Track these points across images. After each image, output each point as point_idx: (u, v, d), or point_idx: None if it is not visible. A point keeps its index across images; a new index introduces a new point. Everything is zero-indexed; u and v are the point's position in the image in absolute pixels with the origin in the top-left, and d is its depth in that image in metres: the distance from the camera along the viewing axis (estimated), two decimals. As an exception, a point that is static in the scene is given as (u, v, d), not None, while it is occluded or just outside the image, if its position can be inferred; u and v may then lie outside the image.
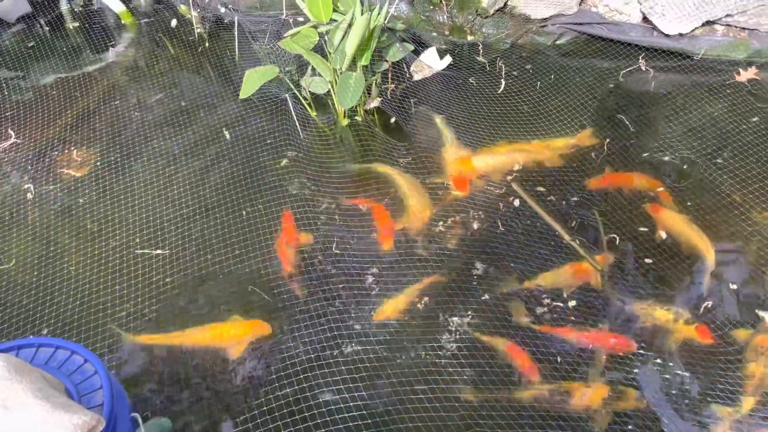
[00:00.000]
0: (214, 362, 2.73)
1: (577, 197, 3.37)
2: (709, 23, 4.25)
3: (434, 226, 3.24)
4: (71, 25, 4.93)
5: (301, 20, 4.67)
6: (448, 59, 4.27)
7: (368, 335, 2.79)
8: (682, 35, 4.25)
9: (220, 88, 4.20)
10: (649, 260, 3.07)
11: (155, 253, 3.16)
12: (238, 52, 4.45)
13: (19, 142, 3.84)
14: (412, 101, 4.01)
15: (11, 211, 3.44)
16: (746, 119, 3.79)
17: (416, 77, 4.20)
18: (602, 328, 2.80)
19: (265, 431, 2.46)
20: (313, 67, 3.68)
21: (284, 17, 4.76)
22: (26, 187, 3.56)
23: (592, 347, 2.74)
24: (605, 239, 3.15)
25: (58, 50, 4.64)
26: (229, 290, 3.01)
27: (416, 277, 3.01)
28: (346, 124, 3.89)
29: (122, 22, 4.93)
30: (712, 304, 2.87)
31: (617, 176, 3.48)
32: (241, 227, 3.26)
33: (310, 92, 3.88)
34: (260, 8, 4.86)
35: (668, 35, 4.26)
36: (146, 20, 4.94)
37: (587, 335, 2.77)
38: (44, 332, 2.86)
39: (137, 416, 1.92)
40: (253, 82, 3.63)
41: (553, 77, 4.21)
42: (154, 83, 4.27)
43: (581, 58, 4.38)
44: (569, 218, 3.28)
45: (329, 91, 3.79)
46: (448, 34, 4.61)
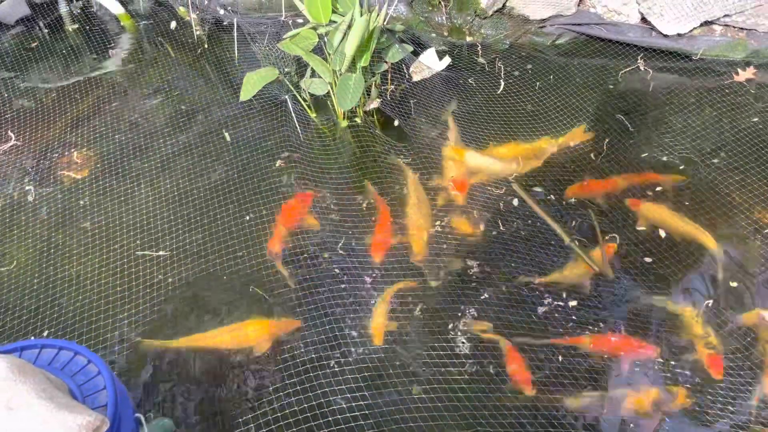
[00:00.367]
0: (220, 363, 2.74)
1: (575, 198, 3.39)
2: (707, 23, 4.27)
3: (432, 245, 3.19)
4: (70, 27, 4.93)
5: (300, 22, 4.68)
6: (447, 60, 4.27)
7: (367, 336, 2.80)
8: (680, 35, 4.27)
9: (219, 89, 4.20)
10: (648, 259, 3.08)
11: (155, 255, 3.16)
12: (237, 53, 4.46)
13: (19, 144, 3.84)
14: (411, 102, 4.01)
15: (12, 213, 3.44)
16: (745, 119, 3.80)
17: (416, 78, 4.21)
18: (615, 333, 2.79)
19: (268, 430, 2.47)
20: (312, 68, 3.69)
21: (283, 19, 4.77)
22: (27, 189, 3.56)
23: (613, 355, 2.71)
24: (600, 239, 3.16)
25: (57, 52, 4.64)
26: (229, 291, 3.01)
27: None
28: (345, 125, 3.89)
29: (121, 24, 4.93)
30: (712, 303, 2.88)
31: (596, 183, 3.45)
32: (241, 227, 3.26)
33: (309, 94, 3.88)
34: (259, 10, 4.87)
35: (666, 35, 4.27)
36: (145, 22, 4.94)
37: (607, 345, 2.74)
38: (45, 334, 2.86)
39: (141, 417, 1.92)
40: (252, 84, 3.63)
41: (552, 78, 4.22)
42: (153, 85, 4.27)
43: (580, 58, 4.39)
44: (568, 219, 3.29)
45: (329, 92, 3.79)
46: (447, 35, 4.62)
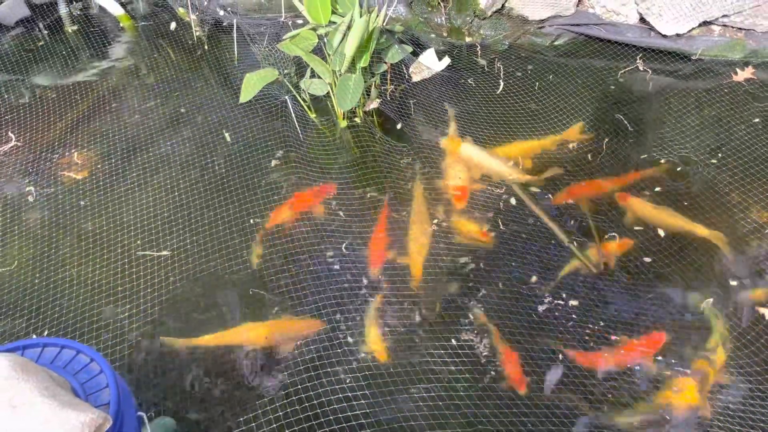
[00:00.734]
0: (222, 363, 2.75)
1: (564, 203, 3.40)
2: (705, 24, 4.28)
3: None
4: (70, 28, 4.94)
5: (300, 22, 4.69)
6: (446, 60, 4.29)
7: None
8: (679, 36, 4.28)
9: (219, 90, 4.21)
10: (647, 259, 3.09)
11: (156, 255, 3.17)
12: (237, 54, 4.47)
13: (19, 145, 3.84)
14: (411, 102, 4.02)
15: (13, 213, 3.44)
16: (743, 119, 3.81)
17: (415, 78, 4.22)
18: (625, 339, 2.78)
19: (268, 430, 2.47)
20: (312, 69, 3.70)
21: (283, 19, 4.78)
22: (27, 190, 3.56)
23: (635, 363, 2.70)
24: (597, 239, 3.18)
25: (57, 53, 4.64)
26: (229, 291, 3.02)
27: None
28: (345, 125, 3.90)
29: (121, 25, 4.94)
30: (712, 302, 2.89)
31: (581, 187, 3.45)
32: (240, 227, 3.27)
33: (309, 94, 3.89)
34: (259, 11, 4.88)
35: (665, 36, 4.29)
36: (145, 23, 4.95)
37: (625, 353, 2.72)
38: (45, 334, 2.86)
39: (143, 415, 1.93)
40: (252, 85, 3.64)
41: (551, 78, 4.24)
42: (153, 86, 4.28)
43: (579, 58, 4.40)
44: (566, 219, 3.30)
45: (328, 92, 3.80)
46: (446, 35, 4.63)
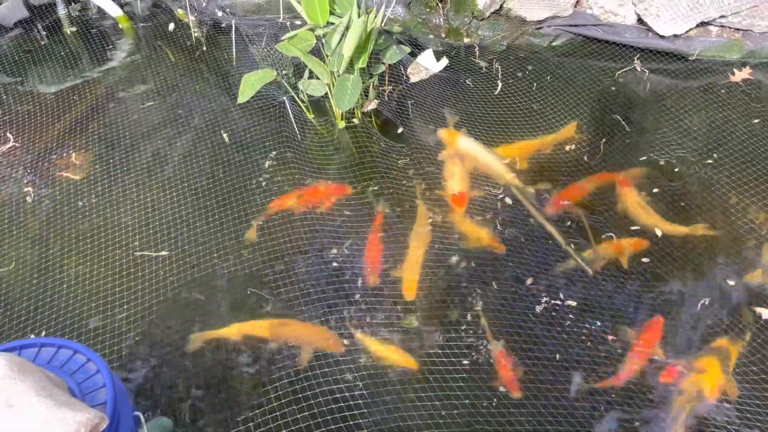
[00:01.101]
0: (220, 363, 2.75)
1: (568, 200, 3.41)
2: (703, 24, 4.29)
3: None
4: (68, 29, 4.94)
5: (298, 23, 4.70)
6: (444, 61, 4.29)
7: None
8: (676, 36, 4.29)
9: (217, 91, 4.21)
10: (645, 259, 3.09)
11: (154, 255, 3.17)
12: (235, 55, 4.47)
13: (18, 145, 3.84)
14: (409, 103, 4.03)
15: (11, 214, 3.44)
16: (741, 119, 3.82)
17: (413, 79, 4.23)
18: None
19: (266, 430, 2.48)
20: (310, 69, 3.71)
21: (281, 20, 4.79)
22: (25, 190, 3.56)
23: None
24: (592, 239, 3.18)
25: (55, 55, 4.64)
26: (228, 291, 3.02)
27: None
28: (343, 126, 3.91)
29: (119, 26, 4.94)
30: (709, 301, 2.89)
31: (568, 192, 3.44)
32: (239, 228, 3.27)
33: (307, 95, 3.89)
34: (257, 12, 4.89)
35: (663, 36, 4.29)
36: (143, 24, 4.96)
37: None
38: (43, 334, 2.86)
39: (140, 415, 1.93)
40: (250, 86, 3.64)
41: (549, 78, 4.24)
42: (151, 87, 4.28)
43: (577, 59, 4.41)
44: (562, 219, 3.30)
45: (327, 93, 3.80)
46: (444, 36, 4.64)
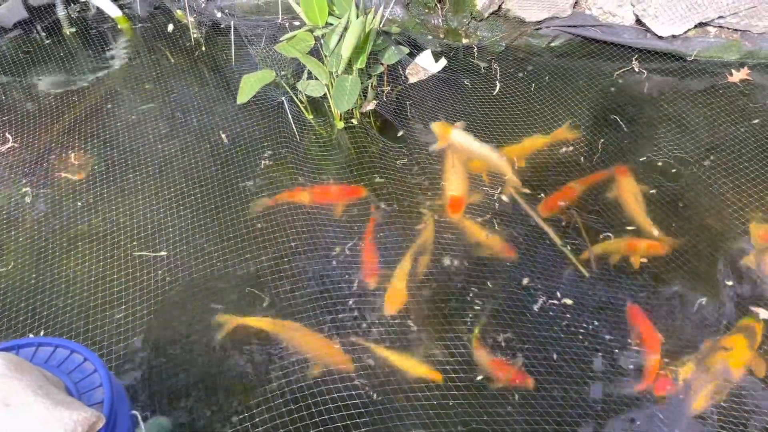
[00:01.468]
0: (219, 363, 2.75)
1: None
2: (701, 25, 4.30)
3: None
4: (68, 30, 4.94)
5: (297, 24, 4.70)
6: (443, 62, 4.30)
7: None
8: (675, 37, 4.29)
9: (216, 92, 4.22)
10: (644, 259, 3.10)
11: (153, 255, 3.17)
12: (234, 56, 4.48)
13: (17, 146, 3.85)
14: (407, 104, 4.03)
15: (10, 214, 3.45)
16: (739, 119, 3.82)
17: (412, 80, 4.23)
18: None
19: (264, 430, 2.48)
20: (309, 70, 3.71)
21: (280, 21, 4.79)
22: (24, 190, 3.57)
23: None
24: (587, 240, 3.19)
25: (55, 55, 4.65)
26: (226, 291, 3.02)
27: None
28: (342, 126, 3.91)
29: (119, 27, 4.95)
30: (706, 301, 2.90)
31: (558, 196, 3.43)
32: (239, 229, 3.28)
33: (306, 95, 3.90)
34: (256, 12, 4.90)
35: (661, 37, 4.30)
36: (142, 25, 4.96)
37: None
38: (42, 334, 2.86)
39: (137, 414, 1.93)
40: (249, 87, 3.65)
41: (547, 79, 4.25)
42: (150, 88, 4.29)
43: (576, 60, 4.41)
44: (559, 220, 3.31)
45: (325, 94, 3.81)
46: (443, 37, 4.64)
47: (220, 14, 4.92)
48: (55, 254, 3.22)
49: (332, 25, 3.59)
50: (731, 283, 2.98)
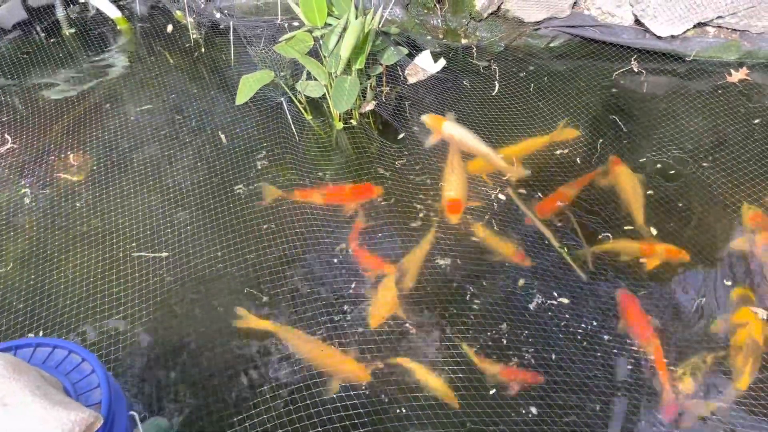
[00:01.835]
0: (218, 364, 2.75)
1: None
2: (700, 25, 4.30)
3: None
4: (67, 31, 4.95)
5: (296, 25, 4.70)
6: (442, 62, 4.30)
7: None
8: (674, 37, 4.29)
9: (215, 92, 4.22)
10: (643, 259, 3.10)
11: (152, 255, 3.18)
12: (233, 56, 4.48)
13: (16, 147, 3.85)
14: (406, 104, 4.03)
15: (9, 215, 3.45)
16: (738, 119, 3.82)
17: (411, 80, 4.23)
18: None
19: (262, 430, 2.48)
20: (308, 71, 3.71)
21: (279, 22, 4.79)
22: (24, 191, 3.57)
23: None
24: (583, 240, 3.19)
25: (54, 56, 4.65)
26: (225, 291, 3.02)
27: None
28: (341, 127, 3.91)
29: (118, 28, 4.95)
30: (705, 300, 2.89)
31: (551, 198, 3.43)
32: (238, 229, 3.28)
33: (305, 96, 3.90)
34: (255, 13, 4.90)
35: (660, 37, 4.30)
36: (142, 26, 4.96)
37: None
38: (41, 334, 2.87)
39: (135, 414, 1.93)
40: (248, 87, 3.64)
41: (546, 79, 4.25)
42: (150, 88, 4.29)
43: (575, 60, 4.41)
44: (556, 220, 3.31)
45: (324, 94, 3.81)
46: (442, 37, 4.65)
47: (219, 15, 4.92)
48: (54, 255, 3.22)
49: (331, 25, 3.59)
50: (730, 283, 2.98)
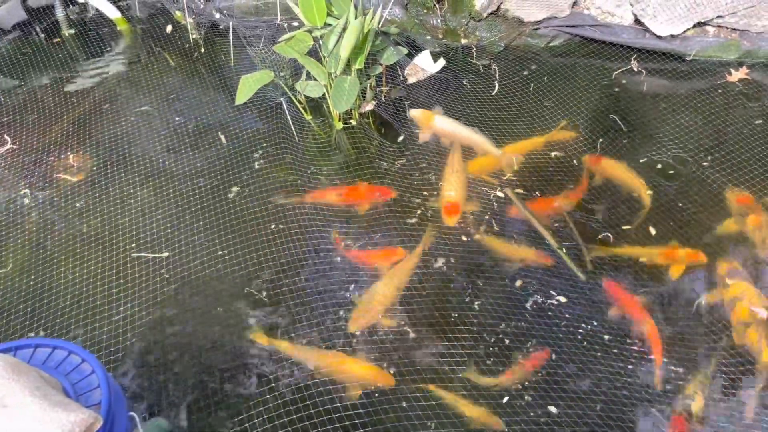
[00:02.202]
0: (218, 366, 2.75)
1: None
2: (700, 24, 4.30)
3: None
4: (67, 32, 4.95)
5: (295, 25, 4.70)
6: (441, 62, 4.30)
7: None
8: (673, 36, 4.29)
9: (215, 92, 4.22)
10: (643, 259, 3.10)
11: (152, 256, 3.17)
12: (233, 57, 4.48)
13: (15, 147, 3.85)
14: (406, 104, 4.03)
15: (8, 216, 3.45)
16: (737, 118, 3.82)
17: (410, 80, 4.23)
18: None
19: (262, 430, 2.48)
20: (308, 71, 3.71)
21: (279, 22, 4.79)
22: (23, 192, 3.57)
23: None
24: (580, 241, 3.19)
25: (53, 57, 4.65)
26: (225, 292, 3.02)
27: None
28: (341, 127, 3.91)
29: (117, 28, 4.95)
30: (704, 300, 2.89)
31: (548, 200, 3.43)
32: (237, 229, 3.28)
33: (305, 96, 3.90)
34: (255, 13, 4.90)
35: (660, 36, 4.30)
36: (141, 26, 4.96)
37: None
38: (42, 335, 2.86)
39: (134, 415, 1.93)
40: (248, 87, 3.64)
41: (546, 79, 4.25)
42: (149, 89, 4.29)
43: (575, 60, 4.41)
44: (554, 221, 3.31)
45: (324, 94, 3.81)
46: (441, 37, 4.64)
47: (218, 15, 4.92)
48: (53, 255, 3.22)
49: (331, 25, 3.59)
50: (730, 282, 2.98)
